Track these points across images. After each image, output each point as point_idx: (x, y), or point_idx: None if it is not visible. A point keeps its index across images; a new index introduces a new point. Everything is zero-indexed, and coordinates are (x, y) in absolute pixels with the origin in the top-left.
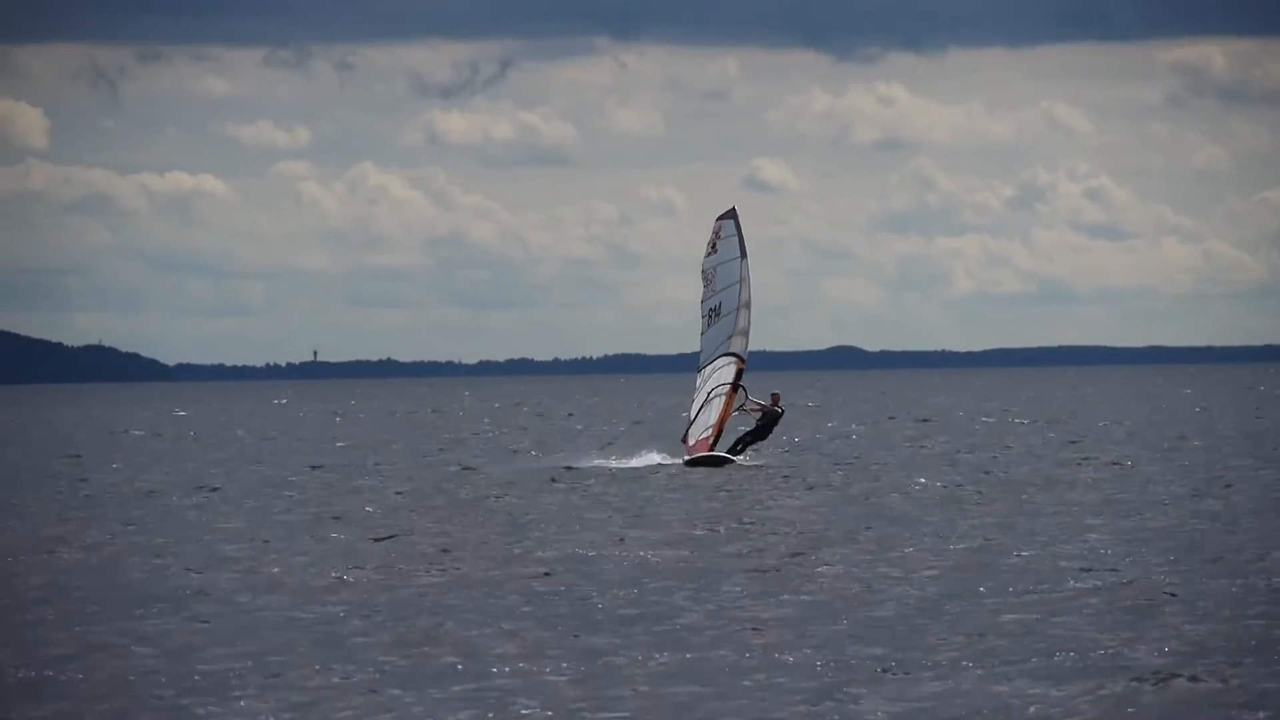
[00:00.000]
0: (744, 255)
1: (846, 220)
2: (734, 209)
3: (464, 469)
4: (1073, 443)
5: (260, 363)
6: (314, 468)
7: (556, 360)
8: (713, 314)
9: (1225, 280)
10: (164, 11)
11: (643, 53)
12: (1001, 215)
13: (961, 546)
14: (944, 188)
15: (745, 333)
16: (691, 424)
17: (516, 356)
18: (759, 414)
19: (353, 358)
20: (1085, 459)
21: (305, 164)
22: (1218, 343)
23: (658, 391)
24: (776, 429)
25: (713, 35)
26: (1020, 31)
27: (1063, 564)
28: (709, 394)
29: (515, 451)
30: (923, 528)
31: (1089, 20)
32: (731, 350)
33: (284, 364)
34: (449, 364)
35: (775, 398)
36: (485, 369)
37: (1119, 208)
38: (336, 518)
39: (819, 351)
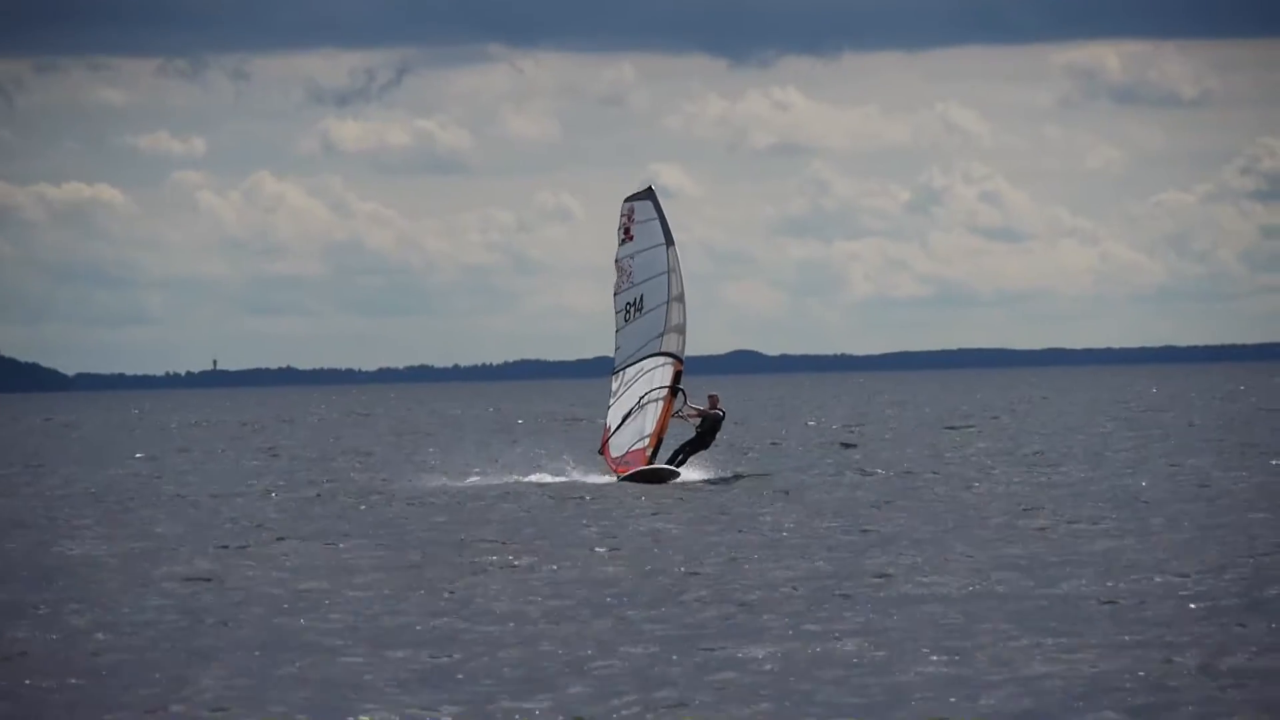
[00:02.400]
0: (670, 242)
1: (745, 225)
2: (650, 189)
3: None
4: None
5: (160, 371)
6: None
7: (456, 367)
8: (631, 308)
9: (1123, 282)
10: (59, 22)
11: (539, 59)
12: (899, 219)
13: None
14: (841, 192)
15: (681, 330)
16: (613, 433)
17: (416, 364)
18: (698, 419)
19: (252, 366)
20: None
21: (202, 173)
22: (1116, 344)
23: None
24: (719, 434)
25: (608, 41)
26: (915, 34)
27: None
28: (641, 399)
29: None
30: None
31: (983, 23)
32: (665, 350)
33: (184, 373)
34: (349, 371)
35: (714, 399)
36: (385, 376)
37: (1015, 210)
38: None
39: (719, 356)
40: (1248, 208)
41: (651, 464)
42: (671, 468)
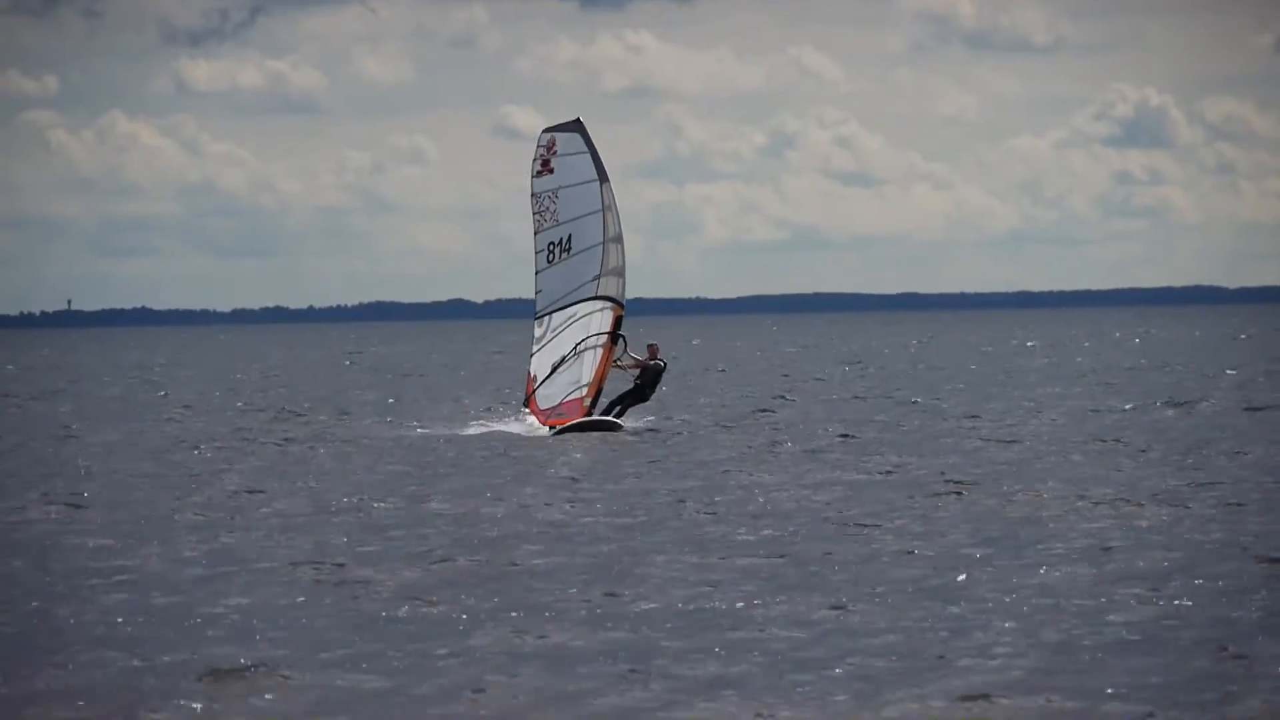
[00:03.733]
0: (605, 178)
1: None
2: (579, 120)
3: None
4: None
5: (15, 311)
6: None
7: (311, 308)
8: (555, 249)
9: (976, 227)
10: None
11: (391, 1)
12: (753, 163)
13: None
14: (695, 135)
15: (620, 273)
16: (541, 383)
17: (270, 305)
18: (637, 370)
19: (106, 306)
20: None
21: (53, 112)
22: (970, 289)
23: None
24: (660, 386)
25: None
26: None
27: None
28: (577, 346)
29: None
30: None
31: None
32: (603, 293)
33: (38, 313)
34: (203, 312)
35: (653, 349)
36: (240, 317)
37: (869, 155)
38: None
39: None
40: (1100, 153)
41: (590, 415)
42: (614, 419)
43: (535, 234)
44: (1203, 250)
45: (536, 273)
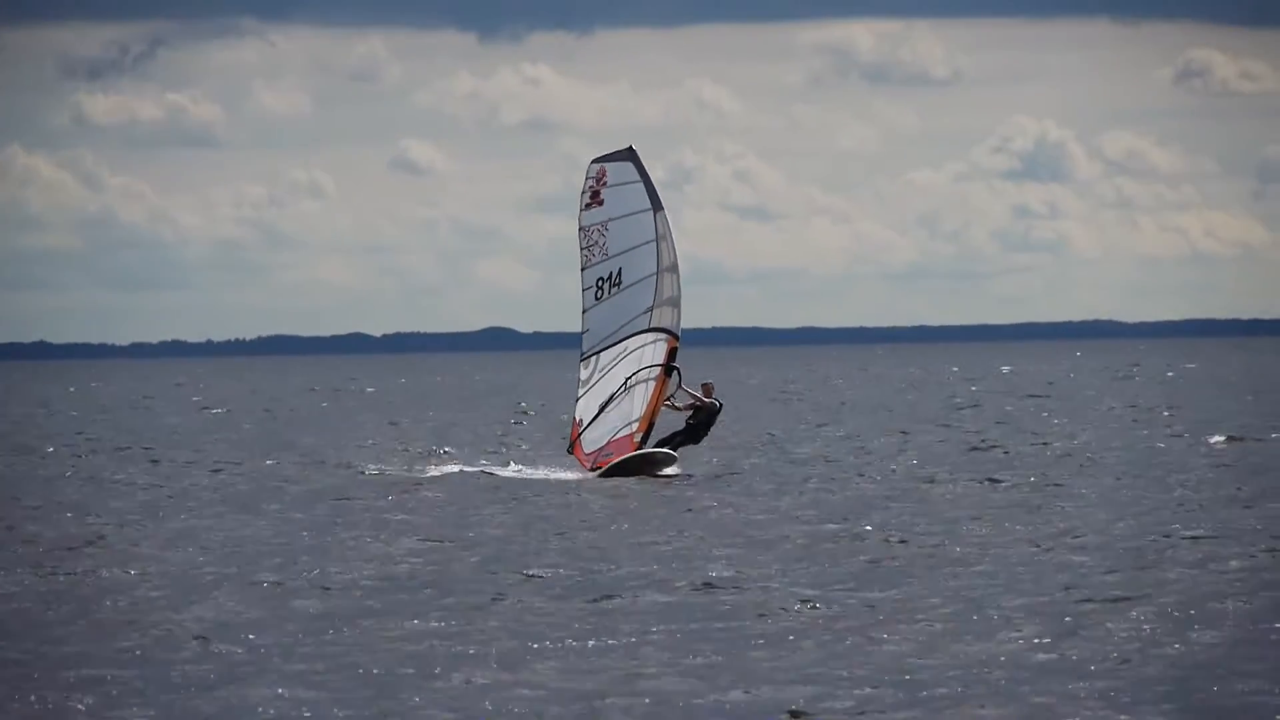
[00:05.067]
0: (659, 207)
1: (496, 201)
2: (631, 148)
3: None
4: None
5: None
6: None
7: (210, 342)
8: (605, 284)
9: (875, 261)
10: None
11: (290, 34)
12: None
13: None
14: None
15: (675, 303)
16: (587, 427)
17: (169, 338)
18: (689, 410)
19: (5, 340)
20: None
21: None
22: (869, 323)
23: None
24: (713, 428)
25: (359, 15)
26: (667, 12)
27: None
28: (627, 380)
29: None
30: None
31: (738, 2)
32: (657, 325)
33: None
34: (102, 346)
35: (708, 388)
36: (138, 351)
37: (768, 189)
38: None
39: (472, 333)
40: (999, 187)
41: (640, 450)
42: (667, 451)
43: (583, 270)
44: (1102, 284)
45: (584, 311)
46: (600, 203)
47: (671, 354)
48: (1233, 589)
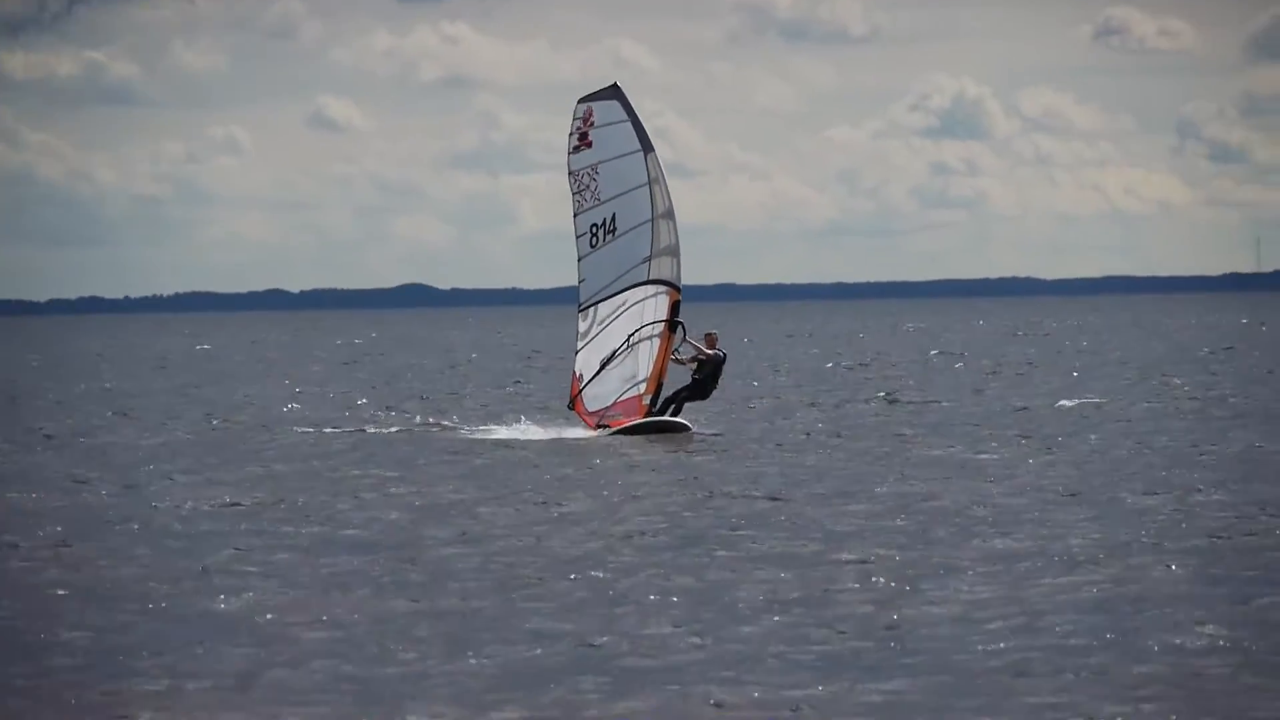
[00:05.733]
0: (649, 148)
1: (414, 158)
2: (616, 85)
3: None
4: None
5: None
6: None
7: (127, 298)
8: (599, 230)
9: (793, 218)
10: None
11: None
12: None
13: None
14: (510, 125)
15: (674, 252)
16: (588, 382)
17: (87, 294)
18: (694, 363)
19: None
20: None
21: None
22: (787, 280)
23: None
24: (720, 380)
25: None
26: None
27: None
28: (629, 337)
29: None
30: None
31: None
32: (655, 276)
33: None
34: (19, 303)
35: (712, 338)
36: (56, 307)
37: (686, 146)
38: None
39: (389, 290)
40: (917, 144)
41: (651, 414)
42: (683, 422)
43: (575, 216)
44: (1020, 242)
45: (579, 259)
46: (589, 144)
47: (674, 308)
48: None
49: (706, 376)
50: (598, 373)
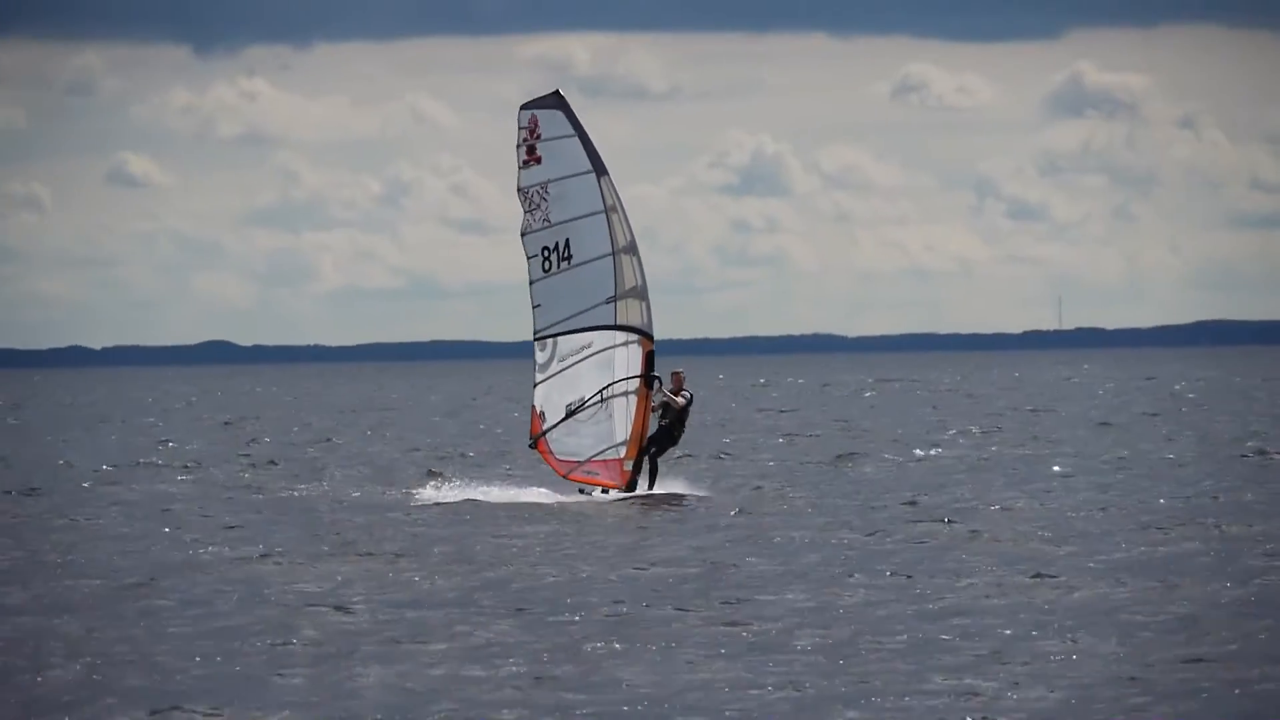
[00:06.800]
0: (602, 170)
1: (214, 215)
2: (558, 93)
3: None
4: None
5: None
6: None
7: None
8: (552, 254)
9: None
10: None
11: (4, 46)
12: (369, 210)
13: None
14: (310, 182)
15: (641, 294)
16: (556, 425)
17: None
18: (659, 409)
19: None
20: None
21: None
22: None
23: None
24: (687, 425)
25: (75, 29)
26: (385, 26)
27: None
28: (603, 393)
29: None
30: None
31: (452, 14)
32: (625, 322)
33: None
34: None
35: (679, 379)
36: None
37: (485, 203)
38: None
39: (191, 346)
40: (717, 201)
41: (633, 480)
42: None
43: (523, 235)
44: (821, 299)
45: (531, 282)
46: (538, 160)
47: (649, 359)
48: None
49: (674, 421)
50: (564, 419)
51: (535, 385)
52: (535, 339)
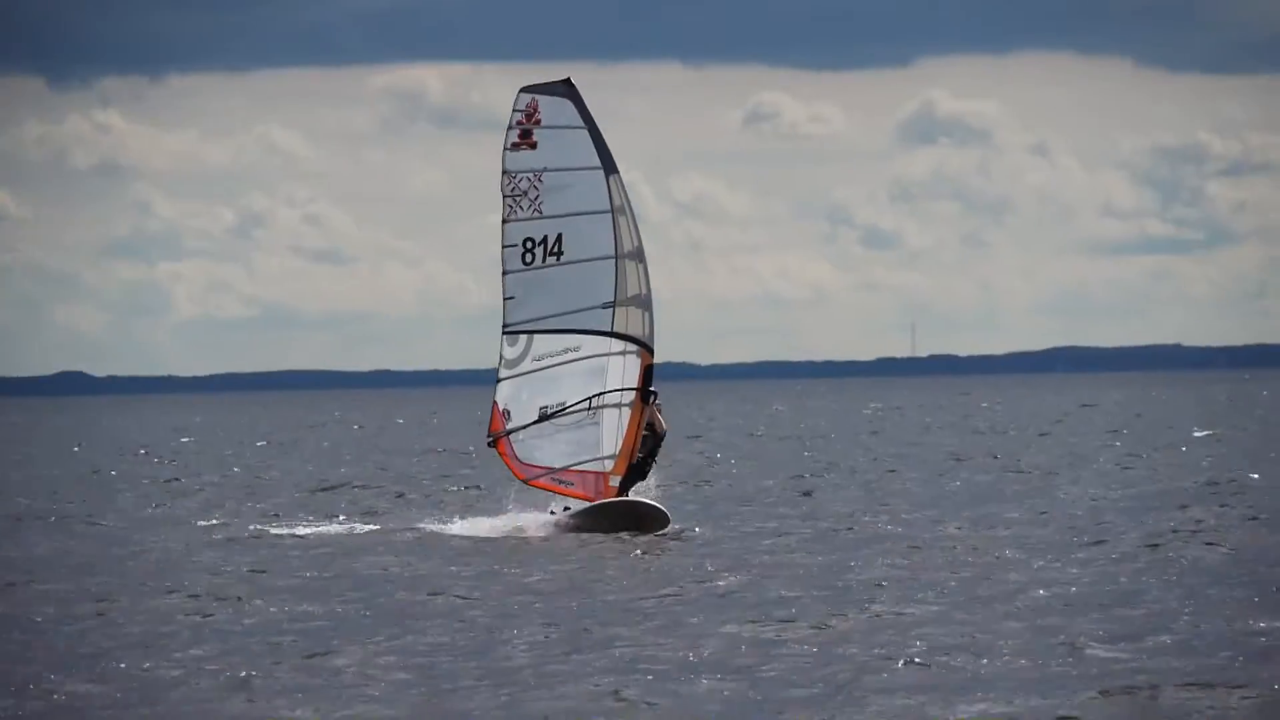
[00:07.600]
0: (612, 169)
1: (70, 246)
2: (569, 81)
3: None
4: None
5: None
6: None
7: None
8: (537, 247)
9: (447, 304)
10: None
11: None
12: (223, 240)
13: None
14: (164, 213)
15: (645, 304)
16: (523, 427)
17: None
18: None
19: None
20: None
21: None
22: (443, 366)
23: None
24: (659, 454)
25: None
26: (238, 57)
27: None
28: (591, 400)
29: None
30: None
31: (305, 44)
32: (623, 331)
33: None
34: None
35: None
36: None
37: (339, 232)
38: None
39: (47, 377)
40: None
41: (623, 496)
42: (657, 506)
43: (504, 222)
44: (674, 327)
45: (505, 272)
46: (533, 145)
47: (647, 373)
48: None
49: (648, 453)
50: (536, 421)
51: (499, 380)
52: (505, 332)
